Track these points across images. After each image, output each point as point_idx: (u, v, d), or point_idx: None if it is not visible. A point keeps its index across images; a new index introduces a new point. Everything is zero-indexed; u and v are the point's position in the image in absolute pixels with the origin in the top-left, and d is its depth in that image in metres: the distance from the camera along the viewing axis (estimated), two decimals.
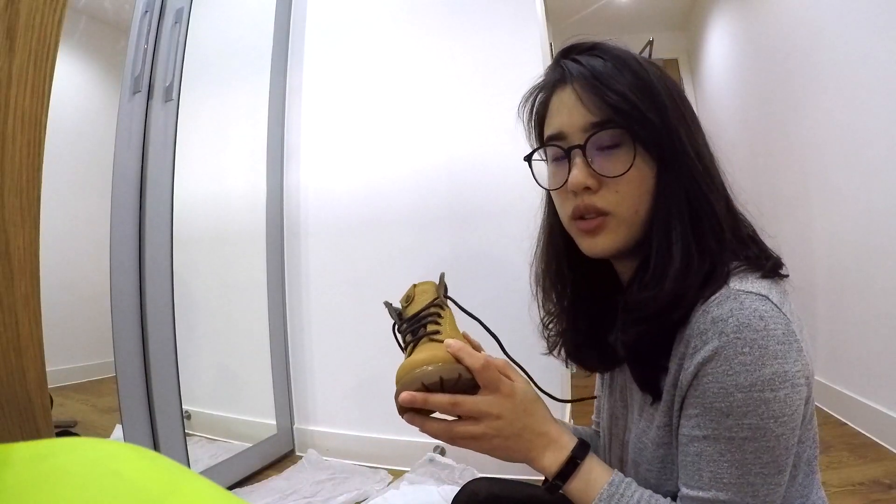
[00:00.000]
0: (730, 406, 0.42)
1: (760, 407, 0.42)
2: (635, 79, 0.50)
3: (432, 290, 0.63)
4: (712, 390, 0.43)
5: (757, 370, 0.42)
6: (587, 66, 0.52)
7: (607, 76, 0.50)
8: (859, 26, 1.75)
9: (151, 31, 1.40)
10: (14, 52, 0.55)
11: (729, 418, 0.43)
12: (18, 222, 0.56)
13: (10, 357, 0.55)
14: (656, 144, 0.50)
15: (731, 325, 0.42)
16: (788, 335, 0.43)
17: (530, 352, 0.64)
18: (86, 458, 0.29)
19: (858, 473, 1.43)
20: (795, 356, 0.43)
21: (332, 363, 1.83)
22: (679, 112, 0.51)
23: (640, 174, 0.50)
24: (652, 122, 0.49)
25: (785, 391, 0.42)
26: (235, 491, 1.50)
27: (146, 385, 1.34)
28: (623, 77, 0.50)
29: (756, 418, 0.42)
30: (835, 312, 1.92)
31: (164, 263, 1.42)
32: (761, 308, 0.43)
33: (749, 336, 0.42)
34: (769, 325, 0.42)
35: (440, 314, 0.59)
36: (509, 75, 1.64)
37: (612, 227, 0.51)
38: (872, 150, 1.69)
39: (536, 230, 0.68)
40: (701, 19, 3.71)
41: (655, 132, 0.50)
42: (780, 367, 0.42)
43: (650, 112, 0.49)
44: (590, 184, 0.51)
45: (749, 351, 0.42)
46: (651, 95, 0.50)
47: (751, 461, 0.43)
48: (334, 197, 1.84)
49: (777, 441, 0.43)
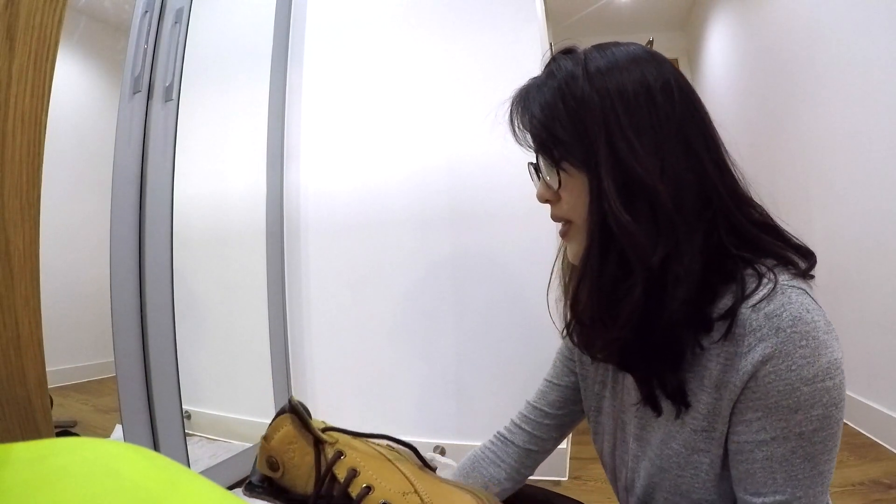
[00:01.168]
0: (797, 401, 0.43)
1: (824, 396, 0.43)
2: (553, 94, 0.51)
3: (294, 434, 0.45)
4: (777, 388, 0.44)
5: (816, 361, 0.43)
6: (527, 83, 0.55)
7: (530, 96, 0.53)
8: (859, 26, 1.75)
9: (151, 31, 1.39)
10: (14, 52, 0.55)
11: (798, 413, 0.43)
12: (18, 222, 0.56)
13: (10, 357, 0.55)
14: (577, 158, 0.50)
15: (785, 320, 0.43)
16: (829, 325, 0.45)
17: (530, 352, 0.64)
18: (86, 458, 0.29)
19: (858, 473, 1.43)
20: (836, 344, 0.44)
21: (333, 363, 1.83)
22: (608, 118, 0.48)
23: (573, 184, 0.51)
24: (557, 138, 0.50)
25: (840, 377, 0.43)
26: (235, 491, 1.50)
27: (146, 385, 1.34)
28: (541, 94, 0.52)
29: (822, 408, 0.43)
30: (835, 312, 1.91)
31: (164, 263, 1.42)
32: (805, 301, 0.44)
33: (803, 329, 0.43)
34: (815, 317, 0.44)
35: (339, 462, 0.43)
36: (509, 75, 1.62)
37: (573, 234, 0.54)
38: (872, 150, 1.69)
39: (536, 230, 0.69)
40: (701, 19, 3.71)
41: (567, 146, 0.50)
42: (832, 356, 0.43)
43: (557, 126, 0.50)
44: (547, 196, 0.55)
45: (806, 343, 0.43)
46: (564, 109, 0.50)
47: (820, 451, 0.44)
48: (334, 197, 1.84)
49: (838, 426, 0.44)
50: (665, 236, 0.46)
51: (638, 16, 3.88)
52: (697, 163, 0.49)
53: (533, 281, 1.59)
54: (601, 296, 0.49)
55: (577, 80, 0.49)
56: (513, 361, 1.58)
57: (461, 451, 0.70)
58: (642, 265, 0.46)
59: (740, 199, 0.51)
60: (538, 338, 1.53)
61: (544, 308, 0.68)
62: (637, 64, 0.49)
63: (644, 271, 0.46)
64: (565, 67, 0.51)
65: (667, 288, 0.46)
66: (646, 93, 0.48)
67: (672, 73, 0.50)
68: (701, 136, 0.50)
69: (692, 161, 0.48)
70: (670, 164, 0.47)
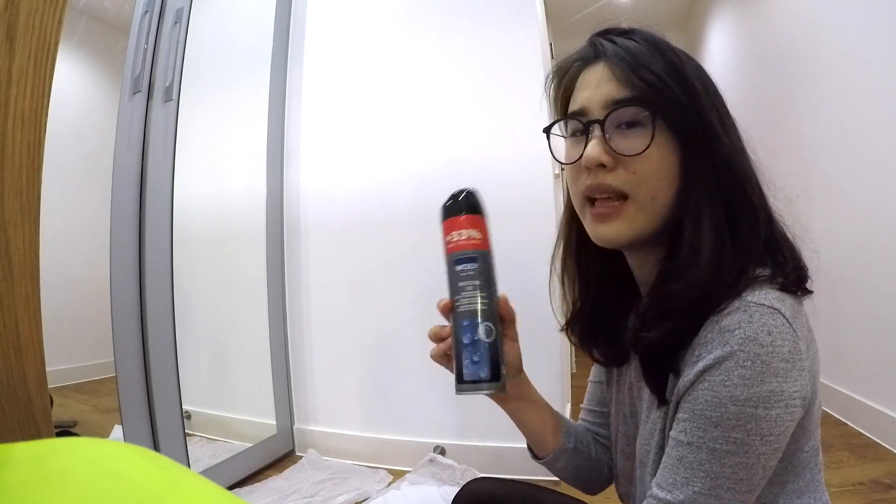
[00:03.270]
0: (720, 417, 0.42)
1: (750, 423, 0.41)
2: (667, 62, 0.49)
3: None
4: (705, 398, 0.42)
5: (755, 386, 0.41)
6: (622, 45, 0.51)
7: (641, 55, 0.49)
8: (859, 26, 1.75)
9: (151, 31, 1.40)
10: (14, 52, 0.55)
11: (717, 429, 0.42)
12: (18, 222, 0.56)
13: (10, 357, 0.55)
14: (684, 128, 0.48)
15: (737, 337, 0.41)
16: (794, 353, 0.42)
17: (529, 352, 0.63)
18: (86, 458, 0.29)
19: (858, 473, 1.43)
20: (796, 375, 0.42)
21: (332, 363, 1.83)
22: (711, 100, 0.50)
23: (660, 156, 0.48)
24: (681, 104, 0.48)
25: (778, 411, 0.41)
26: (235, 491, 1.50)
27: (146, 385, 1.34)
28: (655, 59, 0.49)
29: (743, 433, 0.41)
30: (835, 312, 1.92)
31: (164, 263, 1.42)
32: (771, 322, 0.41)
33: (754, 350, 0.41)
34: (776, 340, 0.41)
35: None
36: (509, 75, 1.64)
37: (628, 213, 0.49)
38: (872, 150, 1.69)
39: (536, 230, 0.68)
40: (701, 19, 3.71)
41: (684, 114, 0.48)
42: (778, 386, 0.41)
43: (681, 94, 0.48)
44: (605, 160, 0.48)
45: (751, 365, 0.41)
46: (683, 79, 0.48)
47: (727, 475, 0.42)
48: (334, 197, 1.84)
49: (757, 459, 0.42)
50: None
51: (638, 16, 3.87)
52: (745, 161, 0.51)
53: (533, 280, 1.58)
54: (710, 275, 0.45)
55: (677, 53, 0.51)
56: None
57: (461, 451, 0.70)
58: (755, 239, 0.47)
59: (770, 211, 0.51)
60: (538, 337, 1.53)
61: (544, 307, 0.67)
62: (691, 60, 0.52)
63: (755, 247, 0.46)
64: (661, 39, 0.51)
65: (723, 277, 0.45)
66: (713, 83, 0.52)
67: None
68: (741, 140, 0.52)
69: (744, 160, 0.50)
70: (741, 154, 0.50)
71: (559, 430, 0.65)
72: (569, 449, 0.64)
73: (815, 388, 0.46)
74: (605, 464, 0.68)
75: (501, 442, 1.54)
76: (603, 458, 0.68)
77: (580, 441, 0.66)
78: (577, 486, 0.69)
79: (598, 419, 0.70)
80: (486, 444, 1.55)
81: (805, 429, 0.47)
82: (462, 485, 0.71)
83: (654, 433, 0.51)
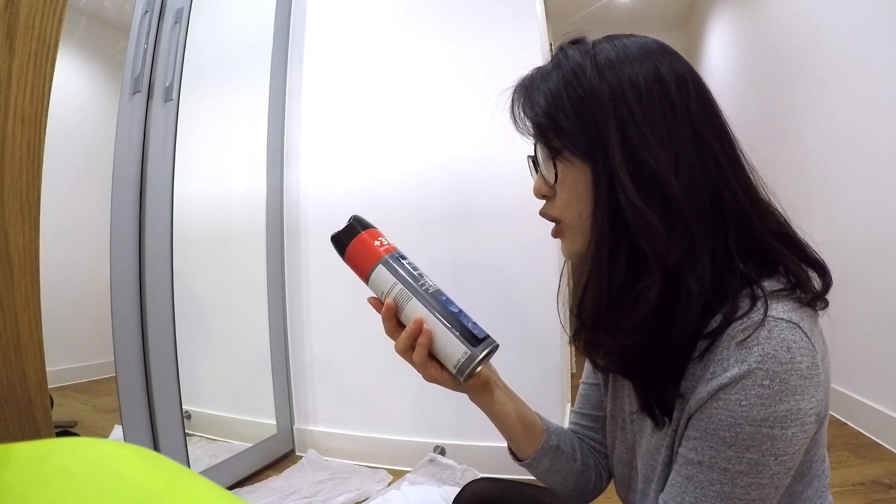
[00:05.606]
0: (735, 437, 0.41)
1: (766, 443, 0.40)
2: (557, 83, 0.49)
3: None
4: (720, 417, 0.41)
5: (772, 405, 0.39)
6: (531, 72, 0.53)
7: (534, 84, 0.51)
8: (859, 27, 1.75)
9: (151, 31, 1.39)
10: (14, 52, 0.55)
11: (730, 449, 0.41)
12: (18, 222, 0.56)
13: (10, 357, 0.55)
14: (584, 148, 0.48)
15: (755, 354, 0.40)
16: (812, 368, 0.41)
17: (530, 352, 0.63)
18: (86, 458, 0.29)
19: (858, 473, 1.43)
20: (813, 391, 0.41)
21: (332, 363, 1.83)
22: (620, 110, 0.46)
23: (574, 180, 0.49)
24: (560, 126, 0.48)
25: (794, 430, 0.40)
26: (235, 491, 1.50)
27: (146, 385, 1.34)
28: (546, 83, 0.50)
29: (758, 454, 0.40)
30: (835, 312, 1.91)
31: (164, 263, 1.42)
32: (790, 338, 0.40)
33: (773, 368, 0.40)
34: (795, 357, 0.40)
35: None
36: (509, 75, 1.63)
37: (566, 233, 0.52)
38: (872, 151, 1.70)
39: (536, 230, 0.67)
40: (701, 19, 3.71)
41: (570, 136, 0.48)
42: (795, 405, 0.40)
43: (561, 115, 0.48)
44: (544, 192, 0.53)
45: (769, 384, 0.40)
46: (569, 98, 0.48)
47: (739, 495, 0.41)
48: (334, 197, 1.84)
49: (770, 479, 0.41)
50: (679, 234, 0.44)
51: (638, 16, 3.88)
52: (712, 160, 0.46)
53: (533, 280, 1.59)
54: (609, 297, 0.46)
55: (585, 71, 0.48)
56: (513, 360, 1.58)
57: (461, 451, 0.70)
58: (659, 262, 0.44)
59: (756, 201, 0.48)
60: (538, 336, 1.53)
61: (544, 307, 0.68)
62: (650, 56, 0.48)
63: (660, 270, 0.44)
64: (573, 57, 0.49)
65: (679, 295, 0.44)
66: (659, 86, 0.46)
67: (686, 67, 0.49)
68: (716, 134, 0.48)
69: (706, 158, 0.46)
70: (684, 160, 0.45)
71: (538, 426, 0.63)
72: (552, 446, 0.63)
73: (827, 399, 0.45)
74: (592, 468, 0.66)
75: (501, 442, 1.52)
76: (590, 463, 0.66)
77: (563, 440, 0.65)
78: (562, 493, 0.67)
79: (591, 423, 0.68)
80: (486, 444, 1.55)
81: (816, 440, 0.46)
82: (462, 485, 0.71)
83: (660, 449, 0.50)
